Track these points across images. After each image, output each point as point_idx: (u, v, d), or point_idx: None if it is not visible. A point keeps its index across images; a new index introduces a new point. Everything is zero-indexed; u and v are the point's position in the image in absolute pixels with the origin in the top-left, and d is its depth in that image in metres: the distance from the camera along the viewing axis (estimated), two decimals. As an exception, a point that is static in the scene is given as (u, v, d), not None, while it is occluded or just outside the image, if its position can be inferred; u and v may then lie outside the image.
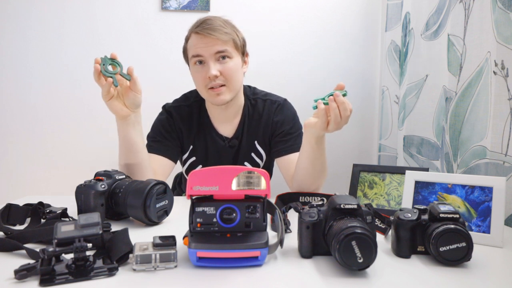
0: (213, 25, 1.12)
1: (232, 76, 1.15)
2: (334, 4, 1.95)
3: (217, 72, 1.11)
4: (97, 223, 0.61)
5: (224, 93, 1.15)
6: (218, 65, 1.13)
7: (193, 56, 1.14)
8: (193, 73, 1.18)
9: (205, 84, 1.14)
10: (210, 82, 1.13)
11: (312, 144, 0.99)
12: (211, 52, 1.11)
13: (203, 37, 1.12)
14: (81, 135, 1.93)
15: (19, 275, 0.56)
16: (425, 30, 1.39)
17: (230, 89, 1.16)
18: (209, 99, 1.18)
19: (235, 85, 1.17)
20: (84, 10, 1.88)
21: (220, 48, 1.12)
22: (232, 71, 1.14)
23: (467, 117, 1.10)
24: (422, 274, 0.62)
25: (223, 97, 1.15)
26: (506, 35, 0.95)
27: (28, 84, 1.90)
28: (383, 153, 1.83)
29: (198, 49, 1.13)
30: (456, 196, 0.81)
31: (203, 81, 1.14)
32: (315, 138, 0.97)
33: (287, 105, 1.29)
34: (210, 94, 1.15)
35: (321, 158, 1.04)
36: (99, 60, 0.94)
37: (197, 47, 1.13)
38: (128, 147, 1.03)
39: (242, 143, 1.26)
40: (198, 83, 1.17)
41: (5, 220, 0.84)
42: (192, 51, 1.14)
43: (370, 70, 1.99)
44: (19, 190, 1.89)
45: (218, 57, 1.13)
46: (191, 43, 1.16)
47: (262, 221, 0.65)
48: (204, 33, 1.11)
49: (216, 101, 1.16)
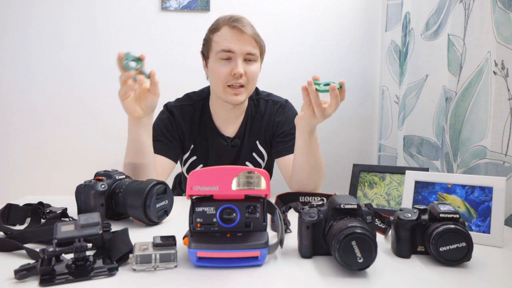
0: (248, 24, 1.14)
1: (253, 80, 1.17)
2: (334, 4, 1.95)
3: (243, 71, 1.12)
4: (97, 223, 0.61)
5: (242, 94, 1.16)
6: (245, 65, 1.13)
7: (223, 51, 1.12)
8: (215, 66, 1.15)
9: (226, 81, 1.14)
10: (232, 79, 1.13)
11: (305, 138, 0.99)
12: (243, 51, 1.12)
13: (239, 32, 1.11)
14: (81, 135, 1.93)
15: (19, 275, 0.56)
16: (425, 30, 1.39)
17: (247, 92, 1.18)
18: (225, 97, 1.16)
19: (252, 89, 1.19)
20: (84, 10, 1.88)
21: (252, 50, 1.13)
22: (255, 74, 1.17)
23: (467, 117, 1.10)
24: (422, 274, 0.62)
25: (240, 97, 1.16)
26: (506, 35, 0.95)
27: (28, 84, 1.90)
28: (383, 153, 1.83)
29: (231, 44, 1.11)
30: (456, 196, 0.81)
31: (225, 77, 1.13)
32: (307, 132, 0.98)
33: (289, 106, 1.30)
34: (227, 91, 1.15)
35: (315, 155, 1.04)
36: (123, 54, 0.93)
37: (230, 41, 1.12)
38: (137, 147, 1.02)
39: (244, 142, 1.27)
40: (218, 77, 1.15)
41: (5, 220, 0.84)
42: (223, 45, 1.12)
43: (370, 70, 2.00)
44: (19, 190, 1.89)
45: (247, 58, 1.13)
46: (222, 35, 1.13)
47: (262, 221, 0.65)
48: (241, 27, 1.11)
49: (232, 100, 1.16)
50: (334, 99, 0.89)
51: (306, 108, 0.92)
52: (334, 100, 0.89)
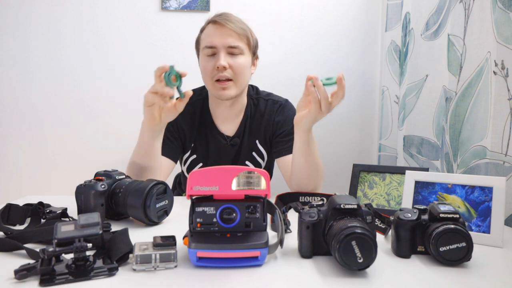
0: (231, 18, 1.14)
1: (240, 72, 1.15)
2: (334, 4, 1.95)
3: (226, 64, 1.11)
4: (97, 223, 0.61)
5: (230, 88, 1.15)
6: (229, 58, 1.13)
7: (206, 47, 1.14)
8: (202, 63, 1.17)
9: (212, 76, 1.14)
10: (217, 73, 1.12)
11: (305, 139, 0.99)
12: (224, 44, 1.12)
13: (219, 26, 1.12)
14: (81, 135, 1.93)
15: (19, 275, 0.56)
16: (425, 30, 1.39)
17: (236, 85, 1.16)
18: (215, 92, 1.17)
19: (242, 82, 1.17)
20: (84, 10, 1.88)
21: (234, 43, 1.13)
22: (241, 67, 1.15)
23: (467, 117, 1.10)
24: (422, 274, 0.62)
25: (228, 92, 1.15)
26: (506, 35, 0.95)
27: (28, 84, 1.90)
28: (383, 153, 1.83)
29: (212, 38, 1.12)
30: (456, 196, 0.81)
31: (211, 72, 1.14)
32: (307, 132, 0.98)
33: (289, 105, 1.29)
34: (216, 87, 1.15)
35: (314, 155, 1.04)
36: (167, 67, 0.91)
37: (212, 37, 1.13)
38: (146, 150, 1.02)
39: (244, 142, 1.27)
40: (205, 73, 1.16)
41: (5, 220, 0.84)
42: (206, 41, 1.14)
43: (370, 70, 1.99)
44: (19, 190, 1.89)
45: (230, 51, 1.13)
46: (206, 33, 1.16)
47: (262, 221, 0.65)
48: (222, 22, 1.12)
49: (221, 95, 1.15)
50: (341, 89, 0.89)
51: (312, 105, 0.91)
52: (341, 90, 0.89)
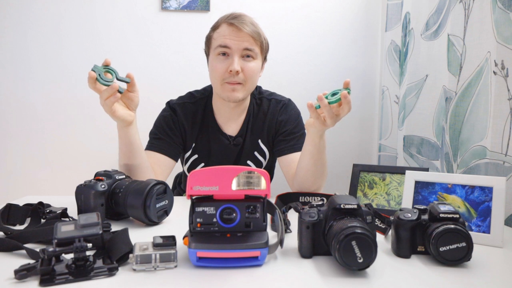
0: (248, 21, 1.13)
1: (251, 77, 1.15)
2: (334, 4, 1.95)
3: (240, 69, 1.11)
4: (97, 223, 0.61)
5: (239, 91, 1.15)
6: (242, 61, 1.13)
7: (220, 46, 1.12)
8: (213, 63, 1.15)
9: (223, 78, 1.13)
10: (229, 76, 1.12)
11: (316, 143, 1.00)
12: (240, 47, 1.11)
13: (236, 29, 1.11)
14: (81, 135, 1.93)
15: (19, 275, 0.56)
16: (425, 30, 1.39)
17: (245, 89, 1.16)
18: (223, 94, 1.16)
19: (251, 86, 1.18)
20: (84, 10, 1.88)
21: (249, 46, 1.12)
22: (253, 71, 1.15)
23: (467, 117, 1.10)
24: (422, 274, 0.62)
25: (237, 94, 1.15)
26: (506, 35, 0.95)
27: (28, 84, 1.89)
28: (383, 153, 1.83)
29: (228, 40, 1.12)
30: (456, 196, 0.81)
31: (222, 74, 1.13)
32: (318, 137, 0.99)
33: (291, 105, 1.30)
34: (225, 88, 1.14)
35: (323, 158, 1.05)
36: (93, 73, 0.90)
37: (227, 38, 1.12)
38: (131, 149, 1.02)
39: (246, 141, 1.27)
40: (215, 74, 1.15)
41: (5, 220, 0.84)
42: (220, 41, 1.13)
43: (370, 70, 2.00)
44: (19, 190, 1.89)
45: (244, 55, 1.13)
46: (220, 32, 1.14)
47: (262, 221, 0.65)
48: (239, 25, 1.11)
49: (229, 97, 1.15)
50: (347, 104, 0.90)
51: (316, 120, 0.94)
52: (347, 105, 0.90)
